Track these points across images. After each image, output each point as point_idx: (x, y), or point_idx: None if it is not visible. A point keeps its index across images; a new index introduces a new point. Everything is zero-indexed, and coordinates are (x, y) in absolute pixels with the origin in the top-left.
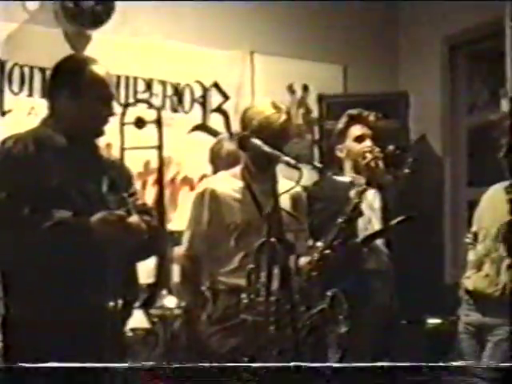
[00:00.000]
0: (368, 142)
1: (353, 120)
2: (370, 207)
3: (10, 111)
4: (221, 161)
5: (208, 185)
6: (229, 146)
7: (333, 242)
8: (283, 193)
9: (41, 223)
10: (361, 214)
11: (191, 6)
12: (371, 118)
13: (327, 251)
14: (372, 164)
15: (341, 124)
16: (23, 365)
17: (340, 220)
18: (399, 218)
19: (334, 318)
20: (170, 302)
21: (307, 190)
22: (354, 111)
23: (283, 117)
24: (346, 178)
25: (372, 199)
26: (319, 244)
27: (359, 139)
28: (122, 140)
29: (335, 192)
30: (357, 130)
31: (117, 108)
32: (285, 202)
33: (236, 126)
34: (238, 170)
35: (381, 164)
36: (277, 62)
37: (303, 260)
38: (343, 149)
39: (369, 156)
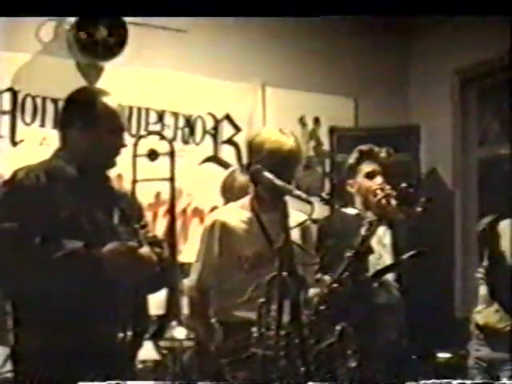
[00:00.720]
0: (379, 179)
1: (364, 156)
2: (381, 243)
3: (21, 141)
4: (233, 193)
5: (217, 216)
6: (241, 178)
7: (341, 275)
8: (295, 226)
9: (52, 254)
10: (370, 248)
11: (203, 38)
12: (382, 154)
13: (335, 285)
14: (383, 201)
15: (351, 159)
16: None
17: (349, 254)
18: (410, 253)
19: (343, 353)
20: (180, 333)
21: (318, 225)
22: (365, 147)
23: (291, 140)
24: (355, 211)
25: (382, 235)
26: (327, 278)
27: (370, 175)
28: (134, 172)
29: (345, 226)
30: (368, 166)
31: (128, 139)
32: (294, 234)
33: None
34: (246, 200)
35: (392, 201)
36: (288, 95)
37: (312, 292)
38: (354, 184)
39: (380, 193)
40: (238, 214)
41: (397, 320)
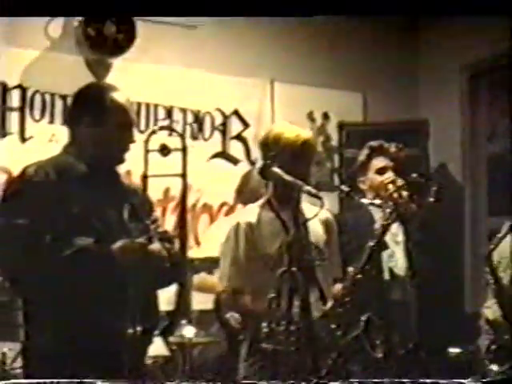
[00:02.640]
0: (390, 174)
1: (374, 152)
2: (394, 240)
3: (31, 138)
4: (246, 194)
5: (240, 218)
6: (255, 179)
7: (365, 266)
8: (305, 222)
9: (62, 250)
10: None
11: (212, 34)
12: (392, 149)
13: (359, 276)
14: (395, 195)
15: (362, 156)
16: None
17: (371, 243)
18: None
19: (369, 343)
20: (188, 330)
21: (336, 218)
22: (375, 143)
23: (306, 132)
24: (372, 201)
25: (395, 233)
26: (350, 269)
27: (381, 171)
28: (145, 167)
29: (363, 217)
30: (378, 161)
31: (137, 135)
32: (317, 228)
33: (255, 154)
34: (264, 200)
35: (404, 193)
36: (297, 90)
37: (337, 286)
38: (365, 181)
39: (391, 187)
40: (259, 215)
41: (408, 315)
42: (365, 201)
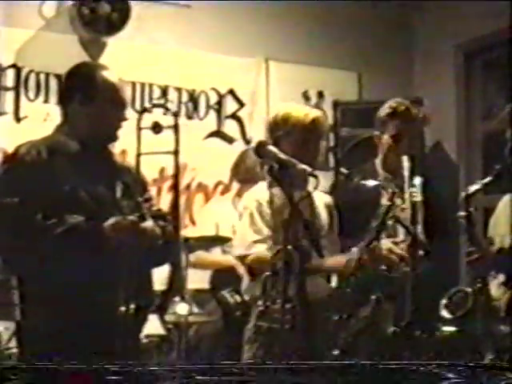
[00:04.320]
0: (406, 142)
1: (394, 114)
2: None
3: (25, 118)
4: (241, 174)
5: (257, 196)
6: (250, 159)
7: (369, 245)
8: (299, 200)
9: (54, 229)
10: (395, 217)
11: (206, 13)
12: (415, 114)
13: (365, 256)
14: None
15: (382, 113)
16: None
17: (375, 224)
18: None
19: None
20: (182, 307)
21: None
22: (401, 106)
23: (314, 113)
24: (374, 183)
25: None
26: (354, 249)
27: (395, 137)
28: (138, 145)
29: (364, 197)
30: (395, 126)
31: (132, 114)
32: (322, 212)
33: (250, 133)
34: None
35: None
36: (292, 69)
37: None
38: (380, 137)
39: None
40: (268, 192)
41: (403, 295)
42: (366, 182)
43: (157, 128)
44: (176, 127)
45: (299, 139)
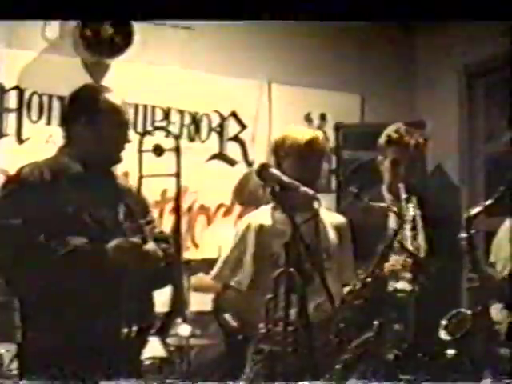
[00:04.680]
0: (402, 169)
1: (391, 141)
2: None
3: (28, 139)
4: (245, 196)
5: (252, 219)
6: (254, 181)
7: (375, 269)
8: (302, 222)
9: (56, 250)
10: (400, 241)
11: (209, 35)
12: (412, 141)
13: (369, 279)
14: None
15: (381, 140)
16: None
17: (382, 247)
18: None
19: (382, 346)
20: (184, 329)
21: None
22: (394, 134)
23: (312, 132)
24: (382, 204)
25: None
26: (359, 272)
27: (393, 163)
28: (140, 167)
29: (373, 219)
30: (394, 152)
31: (134, 136)
32: (328, 233)
33: (252, 155)
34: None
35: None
36: (294, 92)
37: (346, 289)
38: (383, 162)
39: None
40: (271, 216)
41: (406, 317)
42: (375, 204)
43: (158, 150)
44: (177, 150)
45: (296, 160)
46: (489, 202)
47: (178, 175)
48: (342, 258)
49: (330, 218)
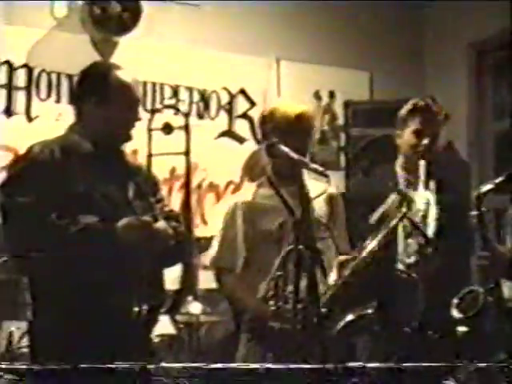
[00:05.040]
0: (425, 139)
1: (416, 110)
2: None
3: (37, 117)
4: (255, 173)
5: (238, 199)
6: (263, 158)
7: (384, 241)
8: (313, 199)
9: (67, 229)
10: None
11: (217, 13)
12: (435, 111)
13: (378, 250)
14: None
15: (403, 111)
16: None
17: (385, 229)
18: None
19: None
20: (195, 308)
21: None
22: (421, 102)
23: (300, 107)
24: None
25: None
26: (368, 243)
27: (417, 133)
28: (149, 146)
29: (375, 195)
30: (416, 122)
31: (143, 114)
32: (319, 204)
33: None
34: (263, 179)
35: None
36: (303, 69)
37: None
38: (402, 135)
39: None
40: (257, 193)
41: (415, 295)
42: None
43: (167, 129)
44: (187, 128)
45: (284, 134)
46: (499, 179)
47: (187, 153)
48: (336, 228)
49: (320, 187)
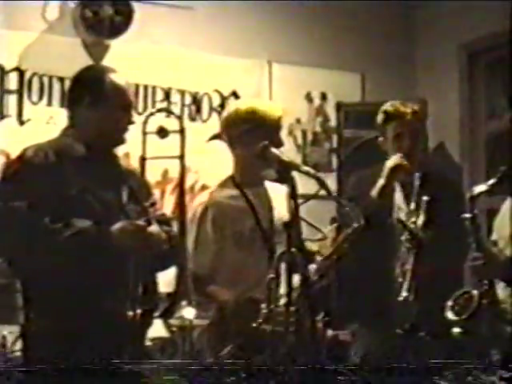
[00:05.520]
0: (407, 141)
1: (389, 117)
2: (399, 208)
3: (28, 120)
4: None
5: (206, 201)
6: None
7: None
8: (303, 202)
9: (61, 232)
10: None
11: (209, 15)
12: (408, 112)
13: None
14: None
15: (379, 119)
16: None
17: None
18: None
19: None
20: (189, 312)
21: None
22: (390, 108)
23: (278, 108)
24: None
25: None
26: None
27: (397, 138)
28: (143, 150)
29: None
30: (394, 127)
31: (135, 117)
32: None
33: None
34: (227, 178)
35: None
36: (294, 71)
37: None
38: (386, 143)
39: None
40: (223, 194)
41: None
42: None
43: (162, 133)
44: (182, 132)
45: (268, 134)
46: (492, 181)
47: (182, 157)
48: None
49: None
